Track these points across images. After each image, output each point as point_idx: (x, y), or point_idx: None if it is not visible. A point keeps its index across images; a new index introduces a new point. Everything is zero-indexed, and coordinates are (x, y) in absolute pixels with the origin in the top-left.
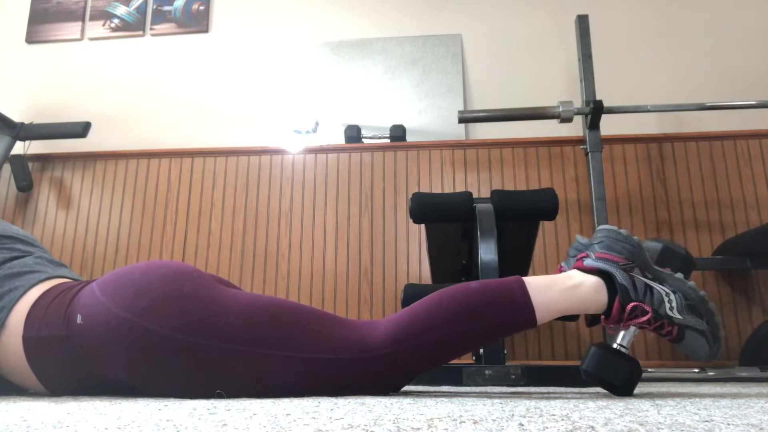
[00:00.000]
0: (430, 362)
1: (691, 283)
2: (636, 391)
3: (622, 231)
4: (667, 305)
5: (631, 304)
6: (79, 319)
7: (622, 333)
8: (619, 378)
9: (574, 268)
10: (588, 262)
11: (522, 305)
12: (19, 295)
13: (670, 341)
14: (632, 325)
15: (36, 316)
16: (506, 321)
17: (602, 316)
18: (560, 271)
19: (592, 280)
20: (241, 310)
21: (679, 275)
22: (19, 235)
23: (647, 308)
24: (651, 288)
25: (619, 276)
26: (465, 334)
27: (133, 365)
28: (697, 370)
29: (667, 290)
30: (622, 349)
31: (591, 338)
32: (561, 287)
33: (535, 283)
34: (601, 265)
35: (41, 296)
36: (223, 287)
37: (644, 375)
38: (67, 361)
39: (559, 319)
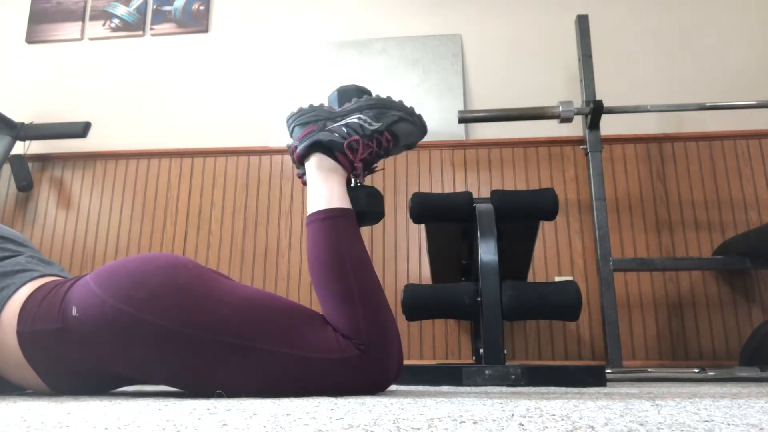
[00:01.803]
0: (385, 309)
1: (368, 98)
2: (636, 390)
3: (295, 110)
4: (366, 125)
5: (345, 144)
6: (74, 312)
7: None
8: (360, 205)
9: (295, 163)
10: (299, 150)
11: (335, 215)
12: (10, 293)
13: (398, 149)
14: (365, 159)
15: (29, 310)
16: (349, 233)
17: (349, 172)
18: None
19: (311, 159)
20: (237, 302)
21: (357, 100)
22: (10, 235)
23: (356, 138)
24: (347, 125)
25: (321, 136)
26: (360, 268)
27: (129, 357)
28: (697, 370)
29: (356, 116)
30: (360, 182)
31: (591, 339)
32: (319, 185)
33: (314, 203)
34: (305, 142)
35: (34, 292)
36: (219, 278)
37: (644, 375)
38: (63, 354)
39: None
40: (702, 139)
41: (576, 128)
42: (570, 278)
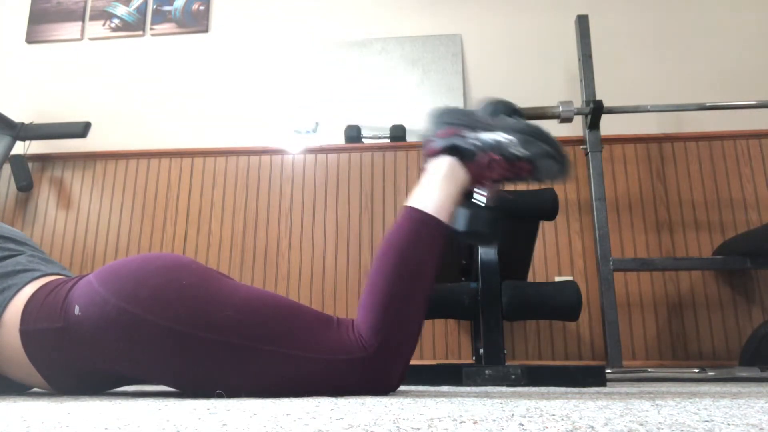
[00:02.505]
0: (414, 324)
1: (520, 120)
2: (636, 390)
3: (445, 106)
4: (510, 147)
5: (483, 159)
6: (76, 311)
7: (481, 192)
8: (484, 226)
9: (427, 157)
10: (434, 146)
11: (428, 222)
12: (12, 294)
13: (531, 179)
14: (494, 178)
15: (32, 309)
16: (429, 243)
17: (472, 186)
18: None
19: (446, 160)
20: (240, 303)
21: (509, 119)
22: (11, 235)
23: (495, 156)
24: (491, 139)
25: (461, 142)
26: (416, 277)
27: (131, 356)
28: (697, 370)
29: (506, 135)
30: (484, 202)
31: (591, 339)
32: (435, 185)
33: (420, 198)
34: (444, 142)
35: (36, 291)
36: (222, 278)
37: (644, 375)
38: (65, 353)
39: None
40: (702, 139)
41: (576, 128)
42: (570, 278)
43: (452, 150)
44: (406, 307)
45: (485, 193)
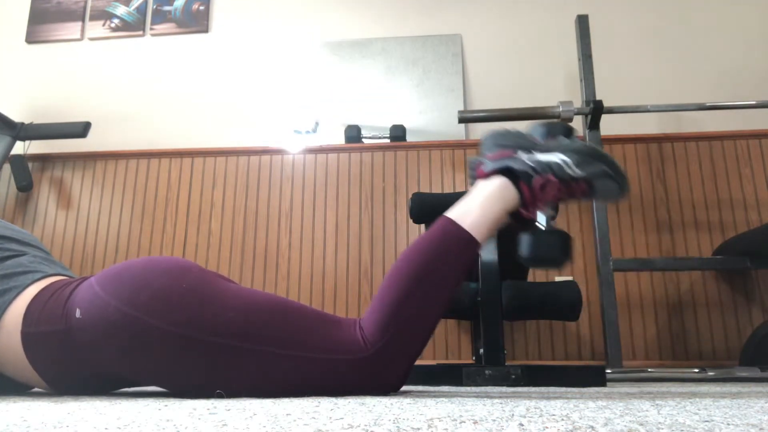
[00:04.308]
0: (422, 333)
1: (576, 140)
2: (636, 390)
3: (497, 129)
4: (566, 168)
5: (538, 182)
6: (78, 314)
7: (540, 215)
8: (555, 251)
9: (476, 178)
10: (485, 168)
11: (461, 237)
12: (14, 296)
13: (587, 199)
14: (548, 200)
15: (34, 311)
16: (457, 257)
17: (521, 210)
18: None
19: (496, 180)
20: (241, 306)
21: (564, 140)
22: (14, 235)
23: (552, 178)
24: (547, 161)
25: (515, 164)
26: (434, 287)
27: (132, 360)
28: (697, 370)
29: (560, 156)
30: (545, 227)
31: (591, 339)
32: (478, 202)
33: (459, 213)
34: (497, 164)
35: (39, 293)
36: (223, 281)
37: (644, 375)
38: (66, 355)
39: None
40: (702, 139)
41: (576, 128)
42: (570, 278)
43: (506, 172)
44: (419, 312)
45: (545, 217)
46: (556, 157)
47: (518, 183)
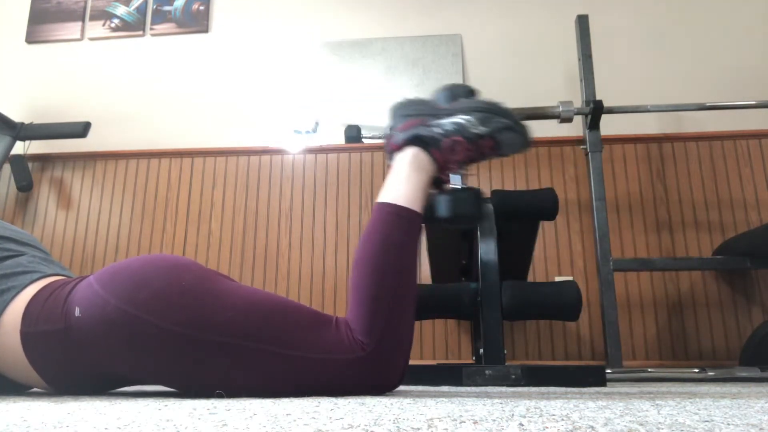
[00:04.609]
0: (407, 316)
1: (477, 100)
2: (636, 390)
3: (401, 100)
4: (470, 127)
5: (447, 144)
6: (77, 312)
7: (453, 176)
8: (471, 207)
9: (391, 152)
10: (396, 140)
11: (401, 214)
12: (12, 296)
13: (496, 155)
14: (459, 161)
15: (33, 311)
16: (406, 233)
17: (441, 173)
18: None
19: (409, 151)
20: (241, 304)
21: (465, 101)
22: (13, 235)
23: (459, 139)
24: (451, 123)
25: (423, 131)
26: (398, 271)
27: (132, 358)
28: (697, 370)
29: (463, 116)
30: (460, 186)
31: (591, 338)
32: (402, 177)
33: (390, 193)
34: (406, 134)
35: (38, 292)
36: (223, 280)
37: (644, 375)
38: (66, 354)
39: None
40: (702, 139)
41: (576, 128)
42: (570, 278)
43: (415, 140)
44: (395, 303)
45: (458, 177)
46: (459, 118)
47: (429, 149)
